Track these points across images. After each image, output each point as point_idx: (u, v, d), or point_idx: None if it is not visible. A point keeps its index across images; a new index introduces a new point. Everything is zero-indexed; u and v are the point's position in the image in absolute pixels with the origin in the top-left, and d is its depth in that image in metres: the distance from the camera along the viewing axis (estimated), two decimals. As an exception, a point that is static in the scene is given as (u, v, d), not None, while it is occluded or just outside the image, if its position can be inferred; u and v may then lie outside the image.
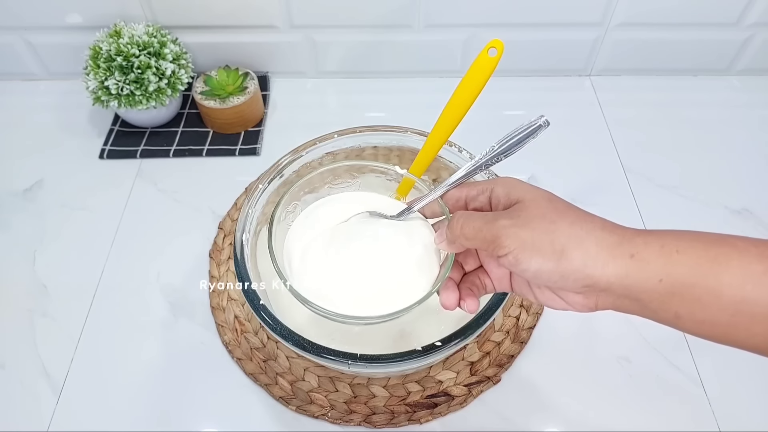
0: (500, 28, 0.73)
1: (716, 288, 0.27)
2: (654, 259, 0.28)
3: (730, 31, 0.73)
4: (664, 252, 0.28)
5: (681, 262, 0.28)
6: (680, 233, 0.29)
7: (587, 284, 0.29)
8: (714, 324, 0.28)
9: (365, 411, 0.51)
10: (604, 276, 0.29)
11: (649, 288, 0.28)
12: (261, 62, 0.78)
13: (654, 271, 0.28)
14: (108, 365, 0.54)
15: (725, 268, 0.27)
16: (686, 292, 0.28)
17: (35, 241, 0.63)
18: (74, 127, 0.75)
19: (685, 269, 0.28)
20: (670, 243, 0.28)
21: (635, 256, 0.28)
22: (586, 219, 0.31)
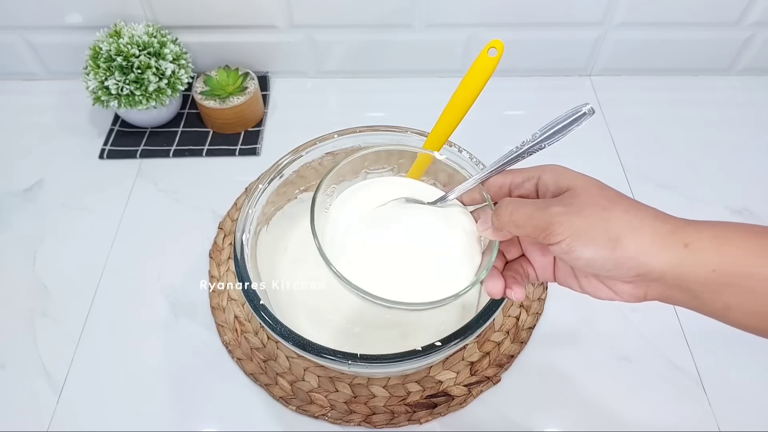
0: (500, 28, 0.73)
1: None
2: (707, 249, 0.28)
3: (730, 30, 0.73)
4: (717, 241, 0.28)
5: (733, 253, 0.28)
6: (731, 224, 0.29)
7: (640, 273, 0.29)
8: (765, 316, 0.28)
9: (365, 411, 0.51)
10: (658, 264, 0.28)
11: (701, 278, 0.28)
12: (261, 62, 0.78)
13: (707, 260, 0.28)
14: (108, 365, 0.54)
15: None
16: (739, 283, 0.27)
17: (35, 241, 0.63)
18: (74, 127, 0.75)
19: (738, 259, 0.27)
20: (723, 233, 0.28)
21: (689, 245, 0.28)
22: (639, 207, 0.30)
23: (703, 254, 0.28)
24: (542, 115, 0.78)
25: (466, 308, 0.54)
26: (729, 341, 0.55)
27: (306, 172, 0.57)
